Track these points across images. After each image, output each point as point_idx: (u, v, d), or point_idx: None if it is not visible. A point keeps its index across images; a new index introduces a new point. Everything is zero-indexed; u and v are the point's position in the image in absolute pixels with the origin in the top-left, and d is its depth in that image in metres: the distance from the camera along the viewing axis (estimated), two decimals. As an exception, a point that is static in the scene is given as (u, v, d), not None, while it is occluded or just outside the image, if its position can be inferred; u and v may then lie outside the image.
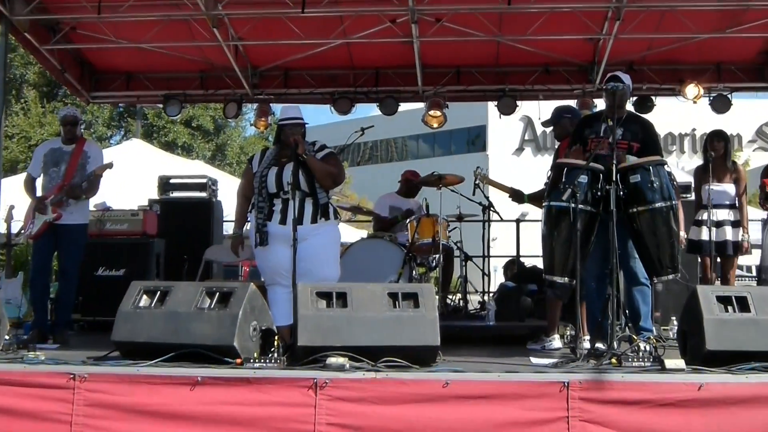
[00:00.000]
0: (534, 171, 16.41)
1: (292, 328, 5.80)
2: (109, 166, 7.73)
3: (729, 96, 10.81)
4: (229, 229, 8.88)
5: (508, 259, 11.39)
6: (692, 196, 9.08)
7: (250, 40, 10.16)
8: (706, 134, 8.87)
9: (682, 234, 7.66)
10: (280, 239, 6.36)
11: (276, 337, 5.66)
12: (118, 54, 10.73)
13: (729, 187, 8.44)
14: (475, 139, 43.01)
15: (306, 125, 6.75)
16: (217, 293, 5.78)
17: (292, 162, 6.40)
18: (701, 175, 8.53)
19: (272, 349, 5.52)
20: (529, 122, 39.00)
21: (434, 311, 5.68)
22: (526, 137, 41.06)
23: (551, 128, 8.04)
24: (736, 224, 8.35)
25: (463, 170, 9.82)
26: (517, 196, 8.43)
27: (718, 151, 8.47)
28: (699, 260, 8.70)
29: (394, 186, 10.32)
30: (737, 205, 8.47)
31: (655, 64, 10.64)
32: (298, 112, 6.76)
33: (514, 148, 41.20)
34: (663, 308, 9.00)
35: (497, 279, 11.78)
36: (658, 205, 6.14)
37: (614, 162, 6.05)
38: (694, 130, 39.33)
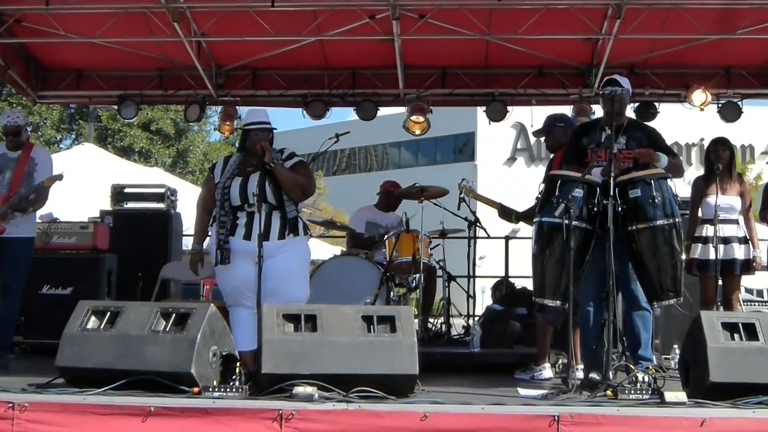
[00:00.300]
0: (527, 183, 16.46)
1: (256, 354, 5.79)
2: (59, 177, 7.66)
3: (739, 103, 10.89)
4: (189, 244, 8.84)
5: (495, 279, 11.38)
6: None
7: (214, 35, 10.12)
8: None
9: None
10: (244, 256, 6.35)
11: (238, 364, 5.66)
12: (69, 50, 10.68)
13: (735, 201, 8.34)
14: (463, 148, 43.08)
15: (274, 130, 6.77)
16: (174, 314, 5.76)
17: (258, 171, 6.40)
18: (703, 186, 8.46)
19: (233, 377, 5.52)
20: (521, 129, 38.89)
21: (412, 336, 5.69)
22: (519, 146, 41.08)
23: (543, 138, 8.03)
24: (744, 241, 8.33)
25: (449, 181, 9.83)
26: (505, 213, 8.45)
27: (723, 160, 8.41)
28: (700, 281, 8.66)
29: (372, 198, 10.32)
30: (744, 219, 8.46)
31: (659, 68, 10.71)
32: (266, 116, 6.77)
33: (506, 158, 41.25)
34: (664, 335, 8.95)
35: (483, 301, 11.81)
36: (659, 222, 6.18)
37: (611, 175, 6.08)
38: (702, 140, 38.87)
